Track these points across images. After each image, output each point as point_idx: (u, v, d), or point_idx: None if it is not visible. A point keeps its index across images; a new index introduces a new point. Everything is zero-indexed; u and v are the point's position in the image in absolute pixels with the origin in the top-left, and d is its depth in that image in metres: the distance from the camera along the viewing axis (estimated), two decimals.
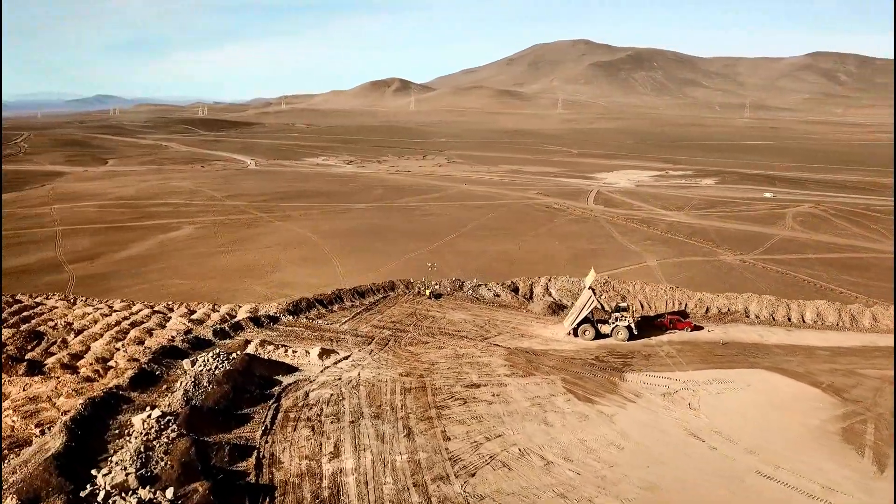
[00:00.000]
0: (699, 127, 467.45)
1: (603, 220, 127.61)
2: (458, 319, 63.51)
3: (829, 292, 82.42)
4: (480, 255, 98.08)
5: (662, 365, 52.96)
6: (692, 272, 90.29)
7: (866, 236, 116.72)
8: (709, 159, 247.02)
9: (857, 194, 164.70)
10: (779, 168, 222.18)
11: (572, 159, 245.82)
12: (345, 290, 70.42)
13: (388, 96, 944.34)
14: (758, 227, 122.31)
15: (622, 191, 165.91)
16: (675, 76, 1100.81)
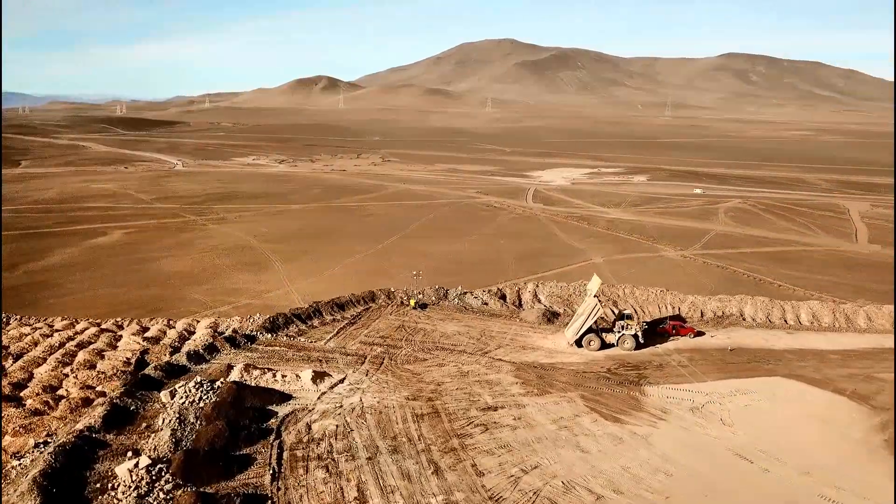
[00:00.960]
0: (624, 125, 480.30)
1: (544, 218, 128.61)
2: (451, 332, 59.21)
3: (768, 286, 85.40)
4: (429, 256, 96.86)
5: (679, 376, 50.33)
6: (638, 269, 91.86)
7: (794, 230, 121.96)
8: (637, 156, 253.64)
9: (780, 189, 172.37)
10: (703, 165, 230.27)
11: (506, 158, 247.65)
12: (322, 302, 64.99)
13: (316, 94, 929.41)
14: (693, 223, 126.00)
15: (559, 189, 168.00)
16: (598, 76, 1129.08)
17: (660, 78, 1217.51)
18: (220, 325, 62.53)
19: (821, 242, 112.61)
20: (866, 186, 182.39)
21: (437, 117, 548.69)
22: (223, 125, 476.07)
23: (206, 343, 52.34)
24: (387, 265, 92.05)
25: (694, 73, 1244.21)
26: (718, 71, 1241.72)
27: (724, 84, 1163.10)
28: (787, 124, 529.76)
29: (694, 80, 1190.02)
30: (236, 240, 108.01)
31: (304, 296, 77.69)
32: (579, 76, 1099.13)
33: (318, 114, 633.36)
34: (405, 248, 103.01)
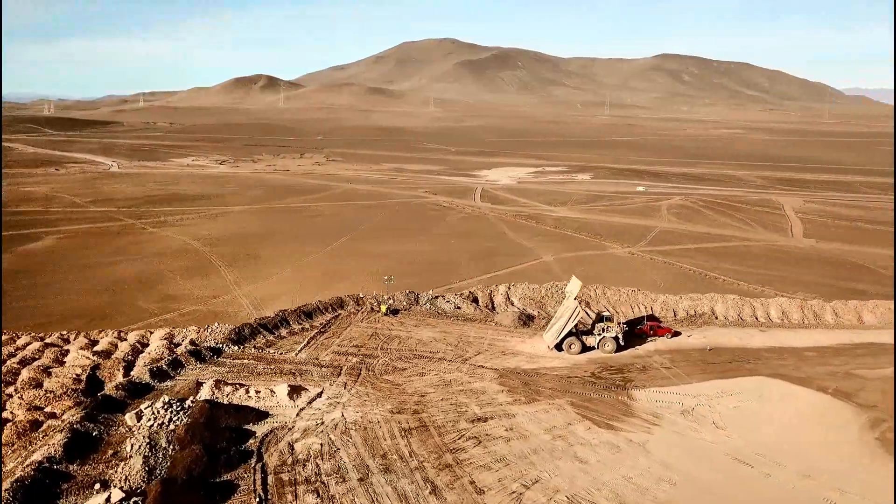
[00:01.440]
0: (565, 124, 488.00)
1: (493, 217, 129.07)
2: (426, 338, 57.25)
3: (713, 281, 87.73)
4: (382, 257, 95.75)
5: (664, 378, 49.84)
6: (588, 266, 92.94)
7: (734, 226, 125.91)
8: (579, 155, 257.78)
9: (718, 186, 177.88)
10: (643, 163, 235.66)
11: (451, 157, 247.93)
12: (289, 311, 62.00)
13: (256, 93, 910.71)
14: (638, 220, 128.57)
15: (506, 188, 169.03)
16: (538, 75, 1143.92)
17: (597, 78, 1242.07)
18: (175, 336, 59.31)
19: (759, 237, 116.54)
20: (798, 183, 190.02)
21: (379, 116, 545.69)
22: (159, 125, 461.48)
23: (170, 358, 48.84)
24: (339, 267, 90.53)
25: (630, 73, 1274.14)
26: (653, 71, 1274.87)
27: (659, 84, 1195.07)
28: (718, 123, 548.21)
29: (630, 80, 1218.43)
30: (178, 244, 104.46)
31: (252, 301, 75.70)
32: (519, 76, 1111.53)
33: (257, 113, 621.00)
34: (356, 249, 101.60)
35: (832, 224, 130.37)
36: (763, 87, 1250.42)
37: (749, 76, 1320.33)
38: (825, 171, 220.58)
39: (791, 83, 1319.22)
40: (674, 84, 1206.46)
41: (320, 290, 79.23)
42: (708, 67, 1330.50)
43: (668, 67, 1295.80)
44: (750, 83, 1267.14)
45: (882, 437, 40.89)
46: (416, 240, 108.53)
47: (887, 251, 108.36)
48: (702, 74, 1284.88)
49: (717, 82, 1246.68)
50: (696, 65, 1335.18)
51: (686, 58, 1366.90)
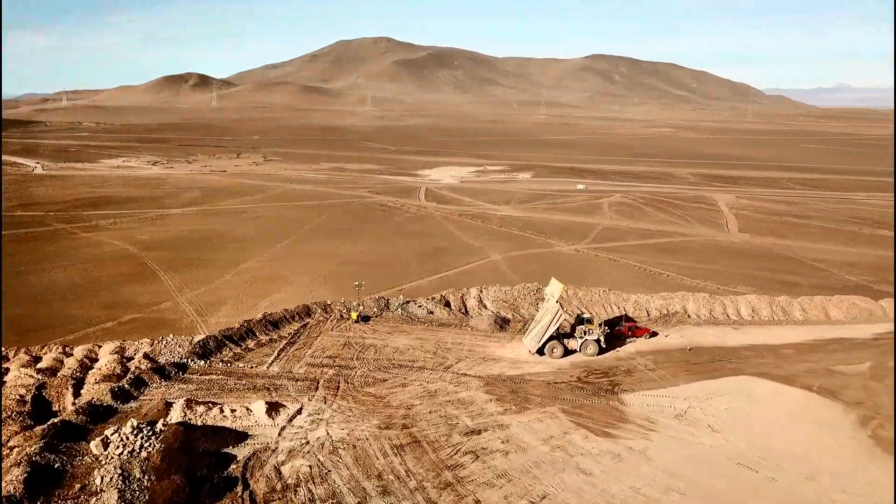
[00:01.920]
0: (503, 123, 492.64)
1: (439, 217, 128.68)
2: (403, 346, 55.25)
3: (659, 276, 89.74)
4: (328, 259, 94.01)
5: (650, 381, 49.45)
6: (536, 265, 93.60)
7: (673, 222, 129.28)
8: (519, 154, 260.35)
9: (655, 183, 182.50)
10: (581, 161, 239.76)
11: (392, 156, 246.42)
12: (254, 320, 58.76)
13: (187, 92, 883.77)
14: (581, 218, 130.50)
15: (449, 187, 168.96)
16: (474, 75, 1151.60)
17: (532, 77, 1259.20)
18: (126, 350, 55.40)
19: (698, 233, 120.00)
20: (728, 179, 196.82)
21: (316, 115, 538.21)
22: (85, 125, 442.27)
23: (132, 376, 44.89)
24: (284, 271, 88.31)
25: (563, 73, 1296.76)
26: (585, 71, 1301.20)
27: (591, 84, 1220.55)
28: (650, 122, 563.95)
29: (563, 80, 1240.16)
30: (114, 249, 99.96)
31: (196, 307, 73.00)
32: (456, 75, 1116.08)
33: (190, 112, 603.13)
34: (301, 251, 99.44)
35: (763, 219, 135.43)
36: (690, 88, 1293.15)
37: (677, 76, 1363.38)
38: (752, 168, 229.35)
39: (716, 83, 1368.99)
40: (605, 84, 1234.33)
41: (266, 295, 77.28)
42: (637, 68, 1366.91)
43: (600, 67, 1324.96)
44: (678, 83, 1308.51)
45: (875, 434, 41.01)
46: (362, 240, 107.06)
47: (815, 244, 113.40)
48: (632, 74, 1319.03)
49: (646, 82, 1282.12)
50: (627, 65, 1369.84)
51: (616, 58, 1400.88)
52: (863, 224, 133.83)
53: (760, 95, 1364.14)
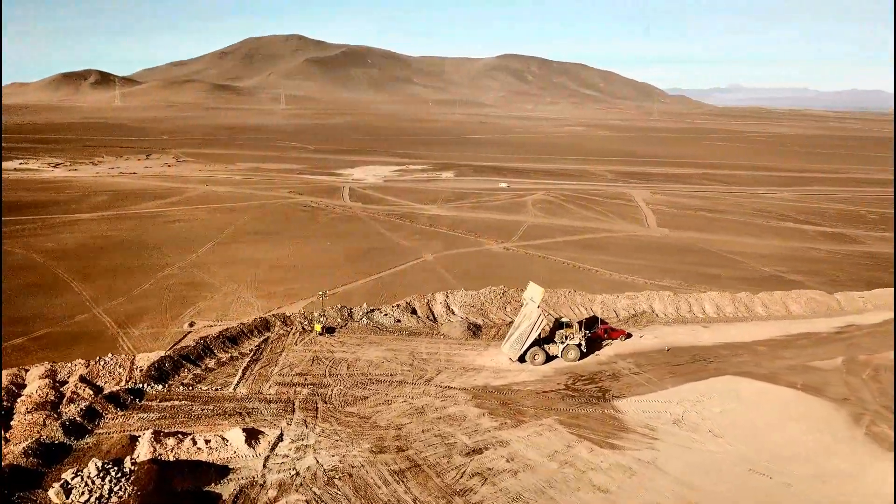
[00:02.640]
0: (421, 122, 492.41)
1: (366, 217, 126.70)
2: (376, 359, 52.65)
3: (588, 272, 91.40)
4: (254, 263, 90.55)
5: (638, 385, 48.87)
6: (469, 264, 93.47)
7: (595, 218, 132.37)
8: (439, 153, 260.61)
9: (573, 181, 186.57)
10: (501, 160, 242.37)
11: (312, 155, 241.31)
12: (210, 336, 54.54)
13: (86, 90, 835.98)
14: (507, 216, 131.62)
15: (373, 186, 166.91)
16: (389, 73, 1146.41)
17: (447, 76, 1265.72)
18: (58, 373, 49.78)
19: (619, 228, 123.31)
20: (642, 176, 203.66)
21: (229, 114, 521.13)
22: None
23: (83, 408, 39.40)
24: (209, 277, 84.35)
25: (476, 72, 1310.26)
26: (497, 70, 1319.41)
27: (504, 83, 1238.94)
28: (563, 120, 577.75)
29: (477, 79, 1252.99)
30: (16, 258, 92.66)
31: (116, 319, 68.46)
32: (371, 74, 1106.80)
33: (91, 111, 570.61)
34: (224, 256, 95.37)
35: (680, 214, 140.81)
36: (598, 87, 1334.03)
37: (586, 76, 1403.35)
38: (664, 165, 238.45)
39: (622, 83, 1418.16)
40: (518, 83, 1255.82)
41: (191, 303, 73.54)
42: (548, 67, 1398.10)
43: (512, 67, 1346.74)
44: (587, 83, 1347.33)
45: (870, 432, 41.47)
46: (288, 243, 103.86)
47: (729, 237, 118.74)
48: (543, 74, 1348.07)
49: (557, 81, 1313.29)
50: (538, 65, 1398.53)
51: (528, 58, 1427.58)
52: (769, 217, 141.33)
53: (663, 95, 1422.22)
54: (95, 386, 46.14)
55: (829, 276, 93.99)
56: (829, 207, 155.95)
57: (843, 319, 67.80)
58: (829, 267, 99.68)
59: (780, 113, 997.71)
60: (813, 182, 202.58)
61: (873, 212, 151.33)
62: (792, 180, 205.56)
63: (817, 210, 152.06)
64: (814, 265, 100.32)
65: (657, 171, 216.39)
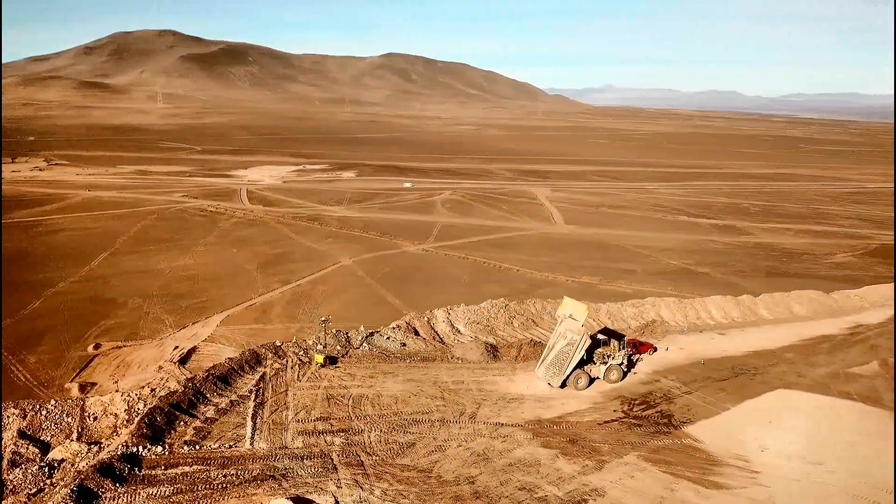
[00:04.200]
0: (311, 121, 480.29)
1: (271, 220, 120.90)
2: (400, 393, 45.23)
3: (508, 271, 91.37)
4: (156, 275, 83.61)
5: (698, 407, 44.66)
6: (390, 267, 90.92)
7: (504, 217, 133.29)
8: (336, 152, 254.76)
9: (475, 180, 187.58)
10: (399, 159, 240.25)
11: (199, 156, 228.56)
12: (199, 378, 44.47)
13: None
14: (418, 216, 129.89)
15: (272, 188, 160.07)
16: (271, 71, 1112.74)
17: (330, 75, 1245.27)
18: None
19: (530, 226, 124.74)
20: (539, 174, 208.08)
21: (100, 113, 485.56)
22: None
23: (75, 486, 29.33)
24: (108, 292, 76.93)
25: (361, 70, 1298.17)
26: (382, 69, 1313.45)
27: (389, 82, 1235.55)
28: (452, 119, 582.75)
29: (362, 78, 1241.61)
30: None
31: (7, 346, 60.71)
32: (252, 71, 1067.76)
33: None
34: (122, 267, 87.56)
35: (583, 210, 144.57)
36: (482, 87, 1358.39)
37: (470, 76, 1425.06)
38: (557, 163, 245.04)
39: (505, 83, 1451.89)
40: (403, 82, 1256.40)
41: (93, 322, 66.67)
42: (432, 67, 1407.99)
43: (397, 66, 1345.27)
44: (471, 83, 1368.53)
45: None
46: (190, 251, 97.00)
47: (633, 232, 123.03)
48: (427, 73, 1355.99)
49: (441, 81, 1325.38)
50: (422, 64, 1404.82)
51: (412, 57, 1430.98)
52: (665, 212, 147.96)
53: (543, 95, 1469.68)
54: (40, 442, 37.06)
55: (732, 267, 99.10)
56: (716, 201, 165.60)
57: (847, 320, 66.06)
58: (730, 258, 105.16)
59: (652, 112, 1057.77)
60: (696, 177, 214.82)
61: (755, 204, 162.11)
62: (677, 176, 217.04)
63: (705, 204, 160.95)
64: (716, 257, 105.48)
65: (553, 169, 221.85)
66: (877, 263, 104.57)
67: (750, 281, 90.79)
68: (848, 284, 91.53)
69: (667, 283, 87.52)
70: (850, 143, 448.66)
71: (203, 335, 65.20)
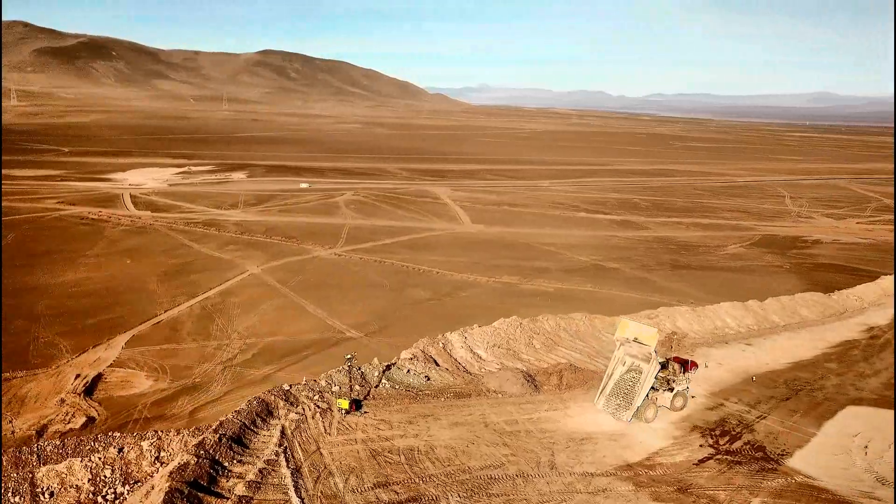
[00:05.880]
0: (188, 119, 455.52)
1: (162, 227, 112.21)
2: (455, 442, 37.61)
3: (427, 273, 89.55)
4: (43, 293, 74.82)
5: (783, 434, 40.82)
6: (303, 275, 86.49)
7: (411, 217, 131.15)
8: (221, 152, 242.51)
9: (373, 179, 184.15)
10: (290, 158, 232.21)
11: (68, 159, 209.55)
12: (209, 443, 32.15)
13: None
14: (323, 219, 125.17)
15: (158, 192, 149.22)
16: (139, 67, 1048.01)
17: (204, 72, 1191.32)
18: None
19: (438, 226, 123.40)
20: (436, 173, 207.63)
21: None
22: None
23: None
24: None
25: (237, 67, 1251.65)
26: (259, 67, 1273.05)
27: (268, 80, 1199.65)
28: (337, 117, 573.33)
29: (238, 75, 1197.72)
30: None
31: None
32: (118, 67, 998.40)
33: None
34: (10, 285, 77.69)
35: (486, 209, 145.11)
36: (363, 85, 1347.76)
37: (350, 74, 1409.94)
38: (450, 161, 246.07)
39: (386, 82, 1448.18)
40: (282, 80, 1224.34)
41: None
42: (312, 65, 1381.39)
43: (274, 63, 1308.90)
44: (352, 81, 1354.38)
45: None
46: (77, 264, 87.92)
47: (536, 230, 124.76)
48: (306, 71, 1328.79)
49: (322, 79, 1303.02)
50: (301, 61, 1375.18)
51: (290, 54, 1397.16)
52: (563, 209, 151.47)
53: (425, 93, 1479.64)
54: None
55: (638, 261, 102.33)
56: (608, 197, 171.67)
57: (856, 322, 65.33)
58: (634, 253, 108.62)
59: (530, 111, 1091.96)
60: (585, 174, 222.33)
61: (644, 199, 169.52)
62: (567, 173, 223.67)
63: (599, 200, 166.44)
64: (621, 252, 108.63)
65: (449, 168, 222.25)
66: (766, 253, 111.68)
67: (658, 275, 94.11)
68: (745, 274, 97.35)
69: (584, 280, 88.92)
70: (714, 140, 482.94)
71: (108, 359, 58.92)
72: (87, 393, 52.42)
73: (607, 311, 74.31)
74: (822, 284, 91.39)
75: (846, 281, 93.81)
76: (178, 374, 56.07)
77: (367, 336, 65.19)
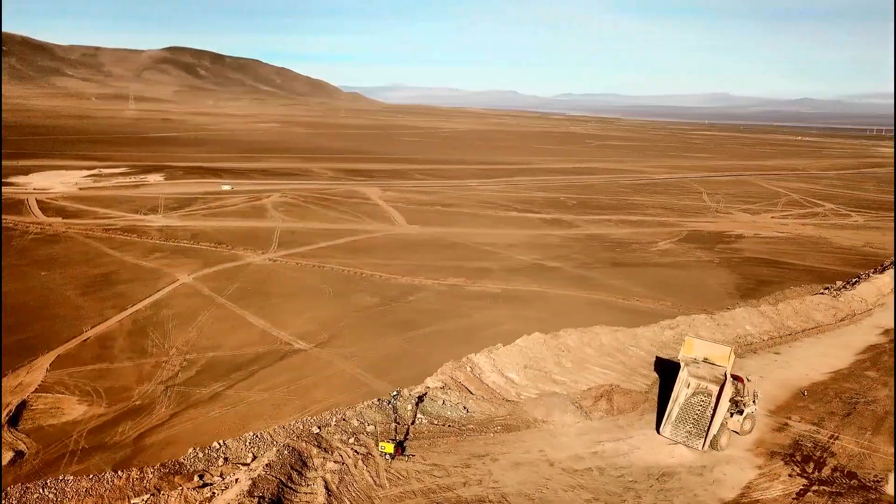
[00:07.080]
0: (89, 119, 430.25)
1: (77, 235, 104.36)
2: (528, 489, 33.47)
3: (371, 277, 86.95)
4: None
5: (863, 457, 38.17)
6: (239, 283, 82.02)
7: (345, 219, 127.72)
8: (132, 154, 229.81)
9: (299, 180, 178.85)
10: (207, 160, 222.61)
11: None
12: (236, 495, 27.43)
13: None
14: (251, 222, 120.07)
15: (68, 196, 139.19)
16: (33, 63, 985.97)
17: (105, 69, 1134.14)
18: None
19: (374, 228, 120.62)
20: (363, 173, 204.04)
21: None
22: None
23: None
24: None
25: (141, 65, 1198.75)
26: (166, 64, 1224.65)
27: (175, 77, 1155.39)
28: (253, 117, 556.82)
29: (143, 73, 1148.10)
30: None
31: None
32: (9, 63, 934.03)
33: None
34: None
35: (419, 209, 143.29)
36: (276, 83, 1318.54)
37: (262, 72, 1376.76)
38: (375, 161, 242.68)
39: (299, 80, 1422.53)
40: (191, 78, 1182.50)
41: None
42: (222, 63, 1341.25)
43: (182, 61, 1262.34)
44: (264, 79, 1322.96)
45: None
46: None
47: (472, 229, 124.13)
48: (216, 69, 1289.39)
49: (233, 77, 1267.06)
50: (210, 59, 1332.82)
51: (199, 52, 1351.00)
52: (495, 208, 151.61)
53: (340, 92, 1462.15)
54: None
55: (577, 259, 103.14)
56: (535, 196, 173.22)
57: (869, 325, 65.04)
58: (571, 251, 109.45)
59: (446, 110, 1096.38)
60: (510, 174, 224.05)
61: (571, 198, 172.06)
62: (492, 172, 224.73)
63: (527, 199, 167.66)
64: (558, 251, 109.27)
65: (376, 168, 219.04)
66: (694, 248, 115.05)
67: (600, 272, 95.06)
68: (680, 269, 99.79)
69: (529, 280, 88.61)
70: (627, 139, 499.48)
71: (31, 384, 53.39)
72: (11, 423, 47.18)
73: (559, 310, 74.47)
74: (752, 278, 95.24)
75: (773, 273, 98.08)
76: (114, 396, 51.42)
77: (317, 346, 62.10)
